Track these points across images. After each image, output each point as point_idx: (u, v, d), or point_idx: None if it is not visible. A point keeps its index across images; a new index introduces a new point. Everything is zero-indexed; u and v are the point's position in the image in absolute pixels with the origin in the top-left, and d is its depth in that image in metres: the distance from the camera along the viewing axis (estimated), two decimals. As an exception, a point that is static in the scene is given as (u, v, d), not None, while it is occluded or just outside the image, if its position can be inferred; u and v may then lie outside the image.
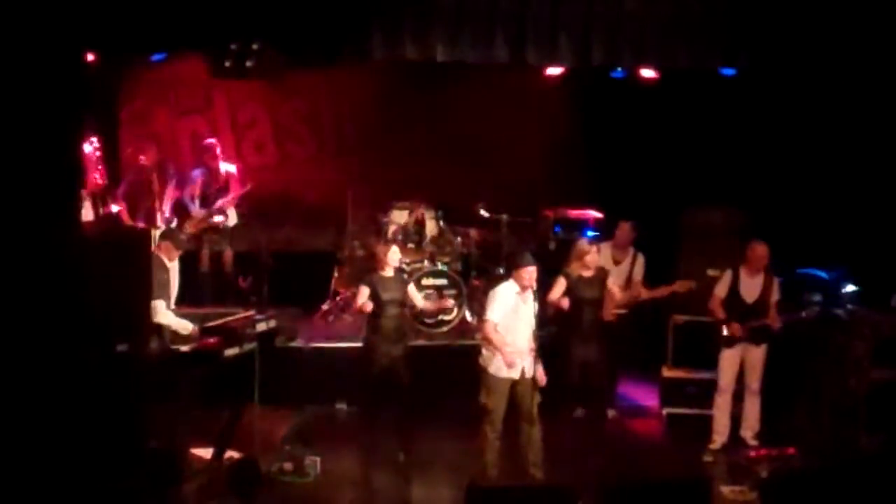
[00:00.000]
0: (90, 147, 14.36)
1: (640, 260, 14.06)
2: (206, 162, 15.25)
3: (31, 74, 9.68)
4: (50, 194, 9.83)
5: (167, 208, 14.96)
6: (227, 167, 15.33)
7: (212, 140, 15.55)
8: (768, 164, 15.58)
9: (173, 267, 12.29)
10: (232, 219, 15.24)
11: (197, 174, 15.20)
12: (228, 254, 15.30)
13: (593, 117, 16.95)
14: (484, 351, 11.68)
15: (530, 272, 11.50)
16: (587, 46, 13.31)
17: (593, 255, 12.60)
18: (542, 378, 11.61)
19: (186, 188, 15.12)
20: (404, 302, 12.71)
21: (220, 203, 15.05)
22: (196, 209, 15.01)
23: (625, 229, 14.13)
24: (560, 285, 12.46)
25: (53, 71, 9.81)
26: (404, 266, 13.32)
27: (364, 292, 12.47)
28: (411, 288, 12.99)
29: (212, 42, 12.94)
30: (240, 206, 15.25)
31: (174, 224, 14.72)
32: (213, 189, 15.11)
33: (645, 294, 13.68)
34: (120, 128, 16.19)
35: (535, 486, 11.08)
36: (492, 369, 11.57)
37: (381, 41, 12.98)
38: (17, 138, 9.66)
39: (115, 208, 14.60)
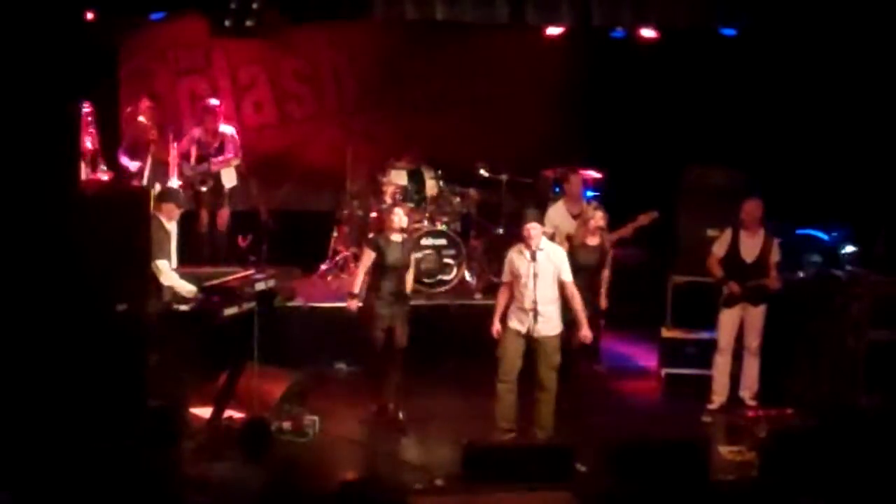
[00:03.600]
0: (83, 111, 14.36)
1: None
2: (205, 122, 15.16)
3: (30, 33, 9.66)
4: (49, 154, 9.82)
5: (173, 166, 14.88)
6: (225, 129, 15.24)
7: (215, 101, 15.46)
8: (769, 124, 15.54)
9: (173, 227, 12.23)
10: (230, 180, 15.14)
11: (194, 133, 15.11)
12: (224, 213, 15.22)
13: (593, 77, 16.92)
14: None
15: (529, 228, 11.51)
16: (587, 6, 13.27)
17: (597, 220, 12.59)
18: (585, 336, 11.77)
19: (181, 146, 15.01)
20: (408, 266, 12.60)
21: (210, 164, 14.94)
22: (187, 167, 14.88)
23: (574, 182, 14.06)
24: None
25: (52, 29, 9.79)
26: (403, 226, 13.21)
27: (369, 255, 12.44)
28: (417, 256, 12.79)
29: (211, 1, 12.88)
30: (239, 167, 15.17)
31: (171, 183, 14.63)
32: (211, 149, 15.01)
33: (615, 237, 13.54)
34: (119, 87, 16.13)
35: (533, 446, 11.12)
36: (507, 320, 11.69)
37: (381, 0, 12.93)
38: (15, 98, 9.65)
39: (103, 171, 14.49)
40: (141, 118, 14.90)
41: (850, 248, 13.72)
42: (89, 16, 12.67)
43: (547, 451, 10.48)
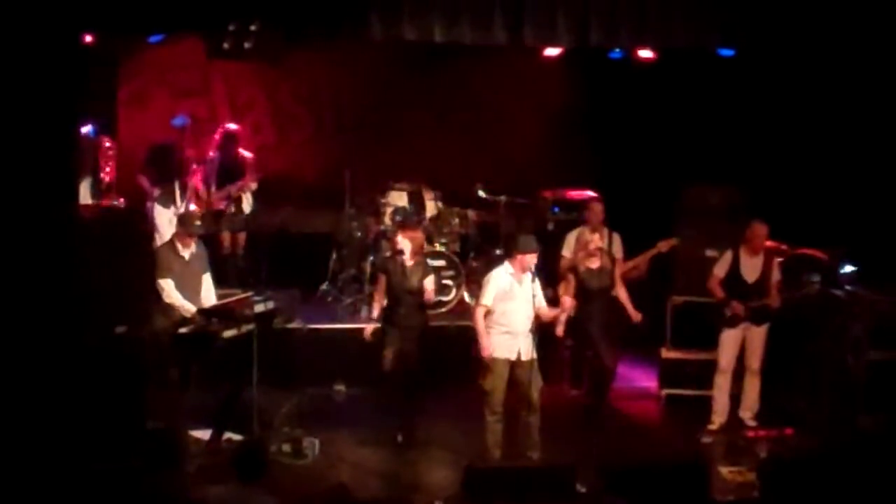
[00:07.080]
0: (108, 143, 14.56)
1: (617, 238, 13.84)
2: (227, 148, 15.20)
3: (28, 55, 9.67)
4: (48, 177, 9.83)
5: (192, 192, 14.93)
6: (244, 154, 15.32)
7: (235, 126, 15.51)
8: (767, 144, 15.56)
9: (189, 252, 12.17)
10: (248, 205, 15.22)
11: (213, 158, 15.16)
12: (242, 237, 15.29)
13: (591, 98, 16.93)
14: None
15: (531, 258, 11.46)
16: (585, 27, 13.25)
17: (595, 242, 12.60)
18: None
19: (203, 171, 15.07)
20: (422, 290, 12.39)
21: (232, 188, 15.00)
22: (206, 192, 14.95)
23: (595, 210, 13.97)
24: (570, 283, 12.55)
25: (51, 52, 9.80)
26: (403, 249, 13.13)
27: (381, 279, 12.43)
28: (429, 280, 12.60)
29: (210, 23, 12.88)
30: (256, 192, 15.23)
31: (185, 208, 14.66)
32: (233, 175, 15.06)
33: (630, 265, 13.59)
34: (118, 109, 16.15)
35: (534, 467, 11.09)
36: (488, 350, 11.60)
37: (379, 21, 12.91)
38: (14, 120, 9.66)
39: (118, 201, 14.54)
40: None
41: (849, 268, 13.70)
42: (88, 38, 12.70)
43: (547, 472, 10.46)
